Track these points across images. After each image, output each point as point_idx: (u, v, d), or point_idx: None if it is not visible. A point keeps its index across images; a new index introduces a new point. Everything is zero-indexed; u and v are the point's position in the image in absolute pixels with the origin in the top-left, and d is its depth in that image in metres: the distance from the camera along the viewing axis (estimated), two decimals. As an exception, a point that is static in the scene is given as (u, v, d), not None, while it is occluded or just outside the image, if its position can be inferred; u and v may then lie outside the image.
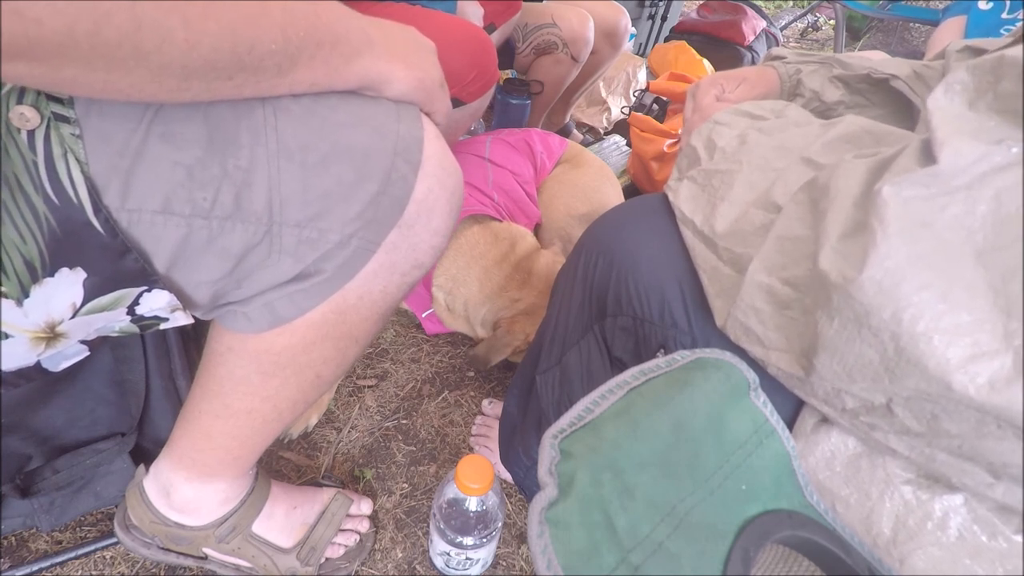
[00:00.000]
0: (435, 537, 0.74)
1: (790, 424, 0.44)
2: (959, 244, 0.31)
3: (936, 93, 0.35)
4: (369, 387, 1.04)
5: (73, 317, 0.43)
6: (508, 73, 1.59)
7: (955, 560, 0.35)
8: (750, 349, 0.42)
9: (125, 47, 0.31)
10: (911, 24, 3.26)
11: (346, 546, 0.77)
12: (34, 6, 0.28)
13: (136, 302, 0.46)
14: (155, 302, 0.46)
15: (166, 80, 0.34)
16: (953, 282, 0.30)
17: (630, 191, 1.65)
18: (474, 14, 1.16)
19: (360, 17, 0.45)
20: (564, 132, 1.84)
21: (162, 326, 0.50)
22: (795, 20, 3.43)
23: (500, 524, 0.74)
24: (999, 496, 0.33)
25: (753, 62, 2.39)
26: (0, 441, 0.66)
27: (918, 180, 0.32)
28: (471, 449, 0.97)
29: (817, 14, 3.79)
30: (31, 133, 0.37)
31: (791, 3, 4.04)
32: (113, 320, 0.47)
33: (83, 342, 0.49)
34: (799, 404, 0.45)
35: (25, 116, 0.36)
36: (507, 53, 1.47)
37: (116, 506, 0.73)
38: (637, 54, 2.46)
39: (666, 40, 2.46)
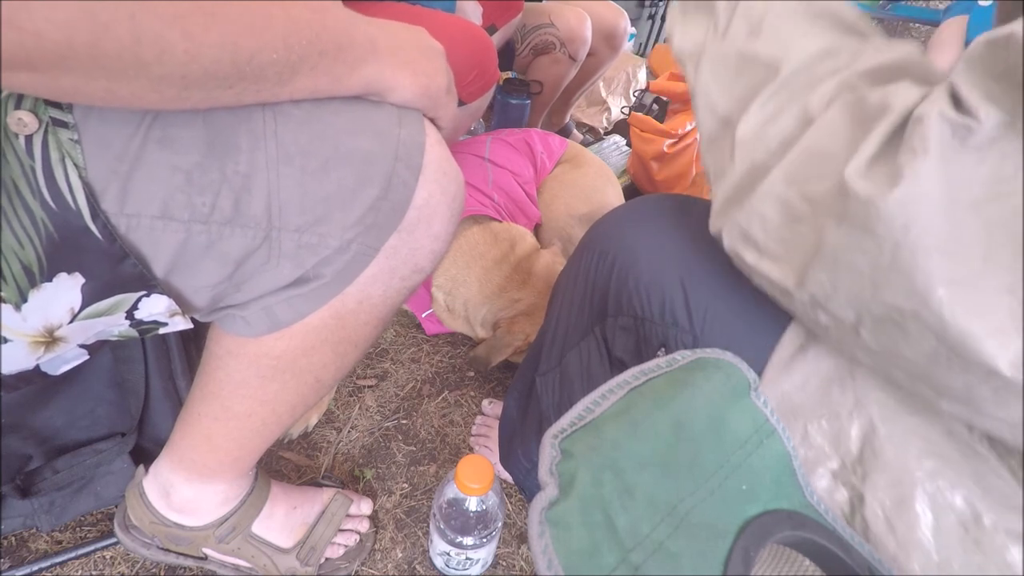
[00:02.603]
0: (435, 537, 0.74)
1: (768, 354, 0.46)
2: (990, 183, 0.31)
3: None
4: (369, 387, 1.04)
5: (72, 322, 0.43)
6: (508, 73, 1.59)
7: (915, 469, 0.38)
8: (743, 253, 0.42)
9: (125, 59, 0.31)
10: (911, 24, 3.26)
11: (346, 546, 0.77)
12: (32, 19, 0.28)
13: (135, 307, 0.46)
14: (154, 307, 0.46)
15: (166, 90, 0.34)
16: (970, 219, 0.30)
17: (630, 191, 1.65)
18: (473, 13, 1.16)
19: (367, 23, 0.45)
20: (564, 132, 1.84)
21: (161, 331, 0.50)
22: (795, 20, 3.42)
23: (500, 524, 0.74)
24: (945, 407, 0.35)
25: (753, 62, 2.39)
26: (0, 441, 0.66)
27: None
28: (471, 449, 0.97)
29: (817, 14, 3.78)
30: (29, 138, 0.37)
31: (791, 3, 4.03)
32: (112, 325, 0.47)
33: (82, 346, 0.49)
34: (777, 338, 0.46)
35: (23, 121, 0.36)
36: (507, 54, 1.47)
37: (116, 506, 0.73)
38: (637, 54, 2.46)
39: (666, 40, 2.45)
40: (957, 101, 0.32)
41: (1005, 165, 0.30)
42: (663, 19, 2.51)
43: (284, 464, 0.90)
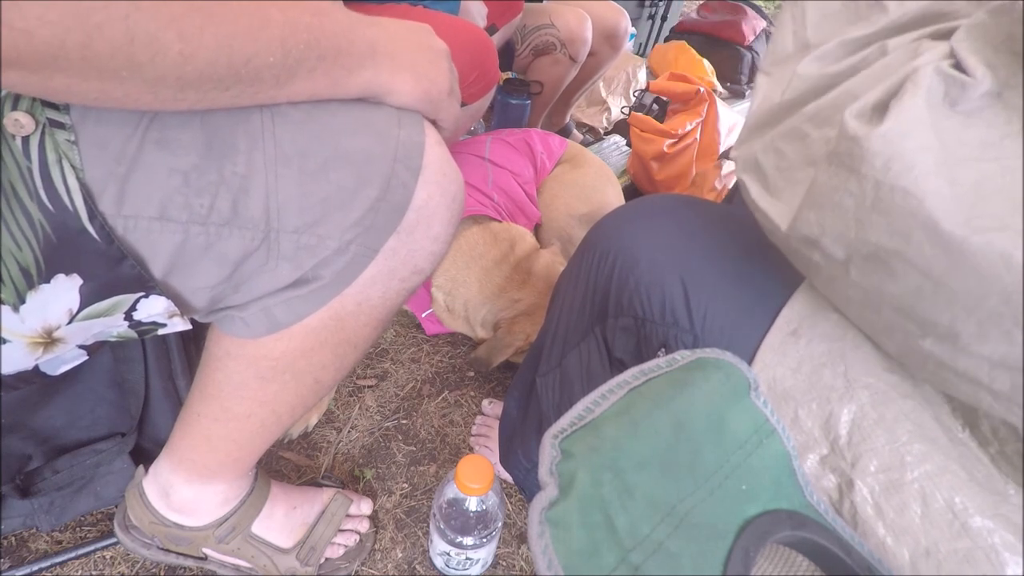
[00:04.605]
0: (435, 537, 0.74)
1: (763, 334, 0.46)
2: (979, 128, 0.31)
3: None
4: (369, 387, 1.04)
5: (70, 323, 0.43)
6: (508, 74, 1.59)
7: (904, 454, 0.38)
8: (749, 184, 0.41)
9: (118, 59, 0.31)
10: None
11: (346, 546, 0.77)
12: (24, 17, 0.28)
13: (133, 308, 0.46)
14: (153, 308, 0.46)
15: (161, 91, 0.34)
16: (953, 153, 0.30)
17: (630, 191, 1.65)
18: (479, 13, 1.16)
19: (367, 25, 0.45)
20: (564, 132, 1.84)
21: (160, 332, 0.50)
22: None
23: (500, 524, 0.74)
24: (927, 346, 0.35)
25: (754, 62, 2.39)
26: (0, 441, 0.66)
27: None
28: (471, 449, 0.97)
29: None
30: (26, 139, 0.36)
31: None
32: (111, 326, 0.47)
33: (81, 347, 0.49)
34: (772, 320, 0.46)
35: (20, 122, 0.36)
36: (507, 54, 1.47)
37: (116, 506, 0.73)
38: (637, 54, 2.46)
39: (666, 40, 2.46)
40: (957, 63, 0.32)
41: (991, 133, 0.31)
42: (663, 19, 2.51)
43: (284, 464, 0.90)
